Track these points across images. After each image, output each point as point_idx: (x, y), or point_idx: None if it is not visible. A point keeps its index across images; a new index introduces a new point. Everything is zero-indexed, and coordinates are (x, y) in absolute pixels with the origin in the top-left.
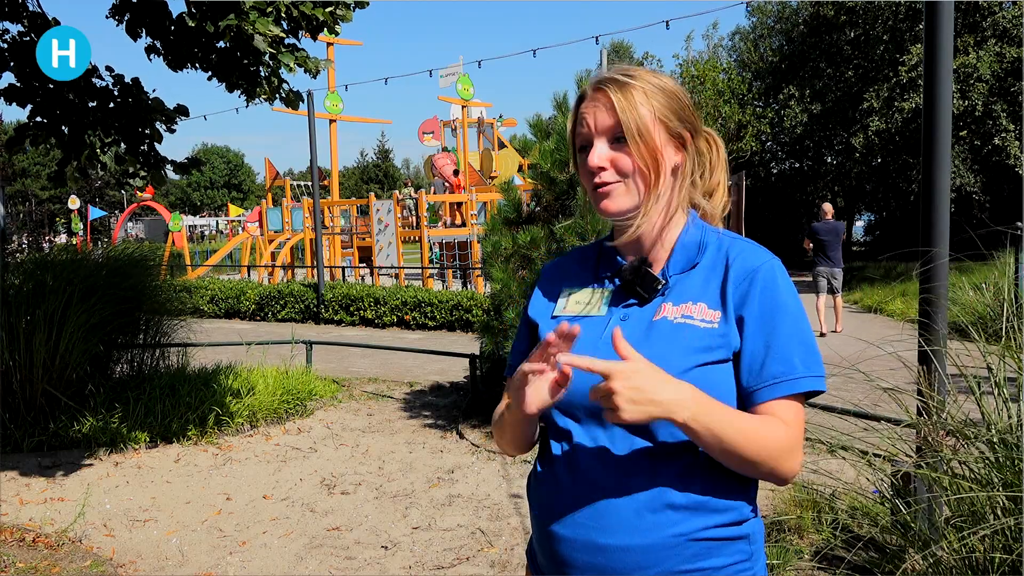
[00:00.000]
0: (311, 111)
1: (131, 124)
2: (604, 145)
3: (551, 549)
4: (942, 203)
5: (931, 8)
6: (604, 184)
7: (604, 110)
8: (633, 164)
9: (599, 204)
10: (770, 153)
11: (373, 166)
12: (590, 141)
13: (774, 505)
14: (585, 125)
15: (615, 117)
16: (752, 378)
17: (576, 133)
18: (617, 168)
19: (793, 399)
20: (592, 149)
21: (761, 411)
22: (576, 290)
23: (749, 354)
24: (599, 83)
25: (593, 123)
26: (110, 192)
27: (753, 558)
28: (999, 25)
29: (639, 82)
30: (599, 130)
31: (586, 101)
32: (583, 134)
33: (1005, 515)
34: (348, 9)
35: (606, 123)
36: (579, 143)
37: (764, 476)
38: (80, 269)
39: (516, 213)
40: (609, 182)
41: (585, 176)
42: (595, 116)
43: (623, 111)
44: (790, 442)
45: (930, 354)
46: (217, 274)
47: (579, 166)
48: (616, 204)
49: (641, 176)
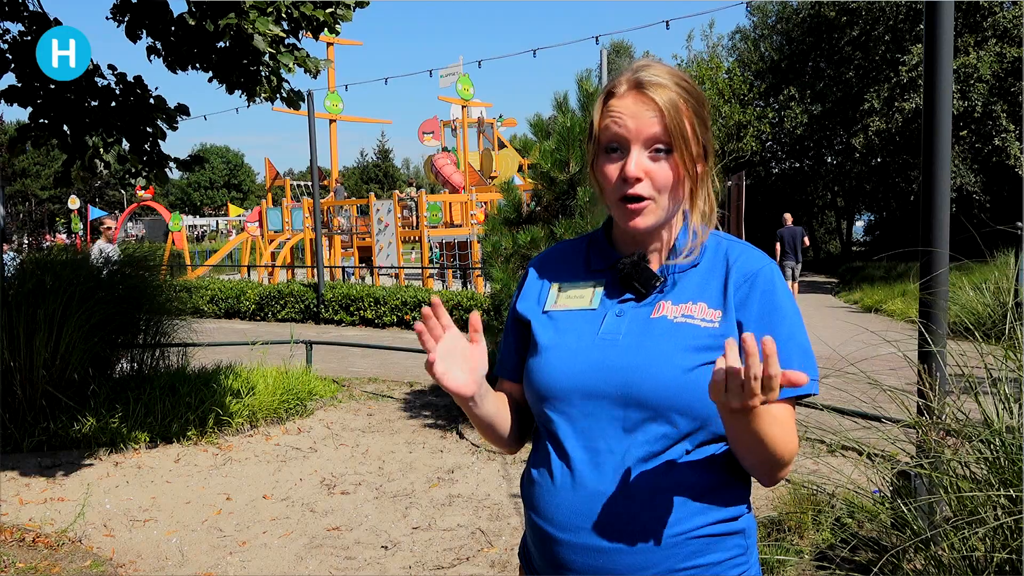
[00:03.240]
0: (311, 111)
1: (134, 123)
2: (644, 154)
3: (548, 551)
4: (942, 203)
5: (931, 8)
6: (639, 199)
7: (650, 116)
8: (673, 178)
9: (629, 220)
10: (770, 153)
11: (373, 166)
12: (625, 145)
13: (774, 505)
14: (622, 126)
15: (662, 126)
16: None
17: (605, 129)
18: (653, 180)
19: (789, 402)
20: (629, 156)
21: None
22: (568, 284)
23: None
24: (640, 84)
25: (635, 127)
26: (110, 192)
27: (748, 552)
28: (999, 25)
29: (676, 88)
30: (640, 136)
31: (622, 99)
32: (616, 134)
33: (1005, 515)
34: (348, 9)
35: (650, 131)
36: (607, 141)
37: (766, 474)
38: (80, 269)
39: (516, 213)
40: (645, 197)
41: (611, 181)
42: (638, 120)
43: (674, 123)
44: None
45: (930, 353)
46: (217, 274)
47: (599, 166)
48: (646, 222)
49: (675, 191)
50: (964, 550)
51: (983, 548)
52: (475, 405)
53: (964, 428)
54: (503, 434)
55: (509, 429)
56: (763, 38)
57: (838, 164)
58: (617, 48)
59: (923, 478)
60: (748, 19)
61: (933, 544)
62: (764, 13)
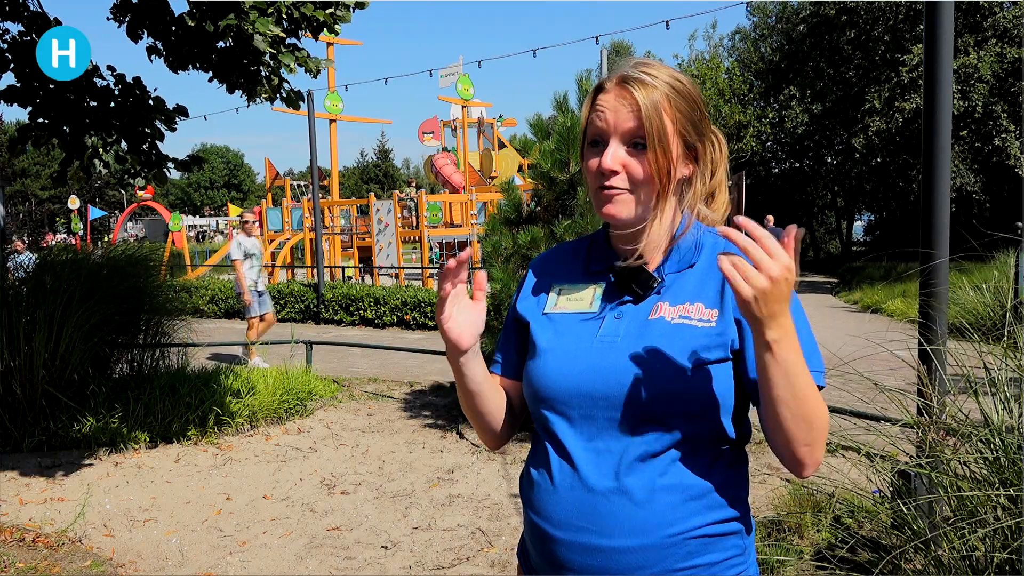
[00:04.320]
0: (311, 111)
1: (133, 123)
2: (620, 148)
3: (547, 551)
4: (942, 203)
5: (931, 8)
6: (612, 188)
7: (627, 110)
8: (646, 173)
9: (602, 207)
10: (770, 153)
11: (373, 166)
12: (605, 138)
13: (774, 505)
14: (603, 120)
15: (638, 121)
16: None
17: (590, 123)
18: (629, 174)
19: None
20: (606, 149)
21: None
22: (567, 285)
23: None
24: (625, 79)
25: (613, 121)
26: (110, 192)
27: (746, 552)
28: (999, 25)
29: (665, 87)
30: (618, 130)
31: (607, 93)
32: (599, 128)
33: (1005, 515)
34: (348, 10)
35: (627, 125)
36: (591, 135)
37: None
38: (80, 269)
39: (516, 213)
40: (618, 188)
41: (592, 174)
42: (616, 114)
43: (649, 119)
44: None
45: (930, 353)
46: (217, 274)
47: (585, 159)
48: (619, 211)
49: (651, 187)
50: (964, 550)
51: (983, 548)
52: (466, 363)
53: (964, 428)
54: (489, 415)
55: (500, 420)
56: (763, 38)
57: (838, 164)
58: (617, 48)
59: (923, 478)
60: (749, 19)
61: (933, 544)
62: (764, 13)
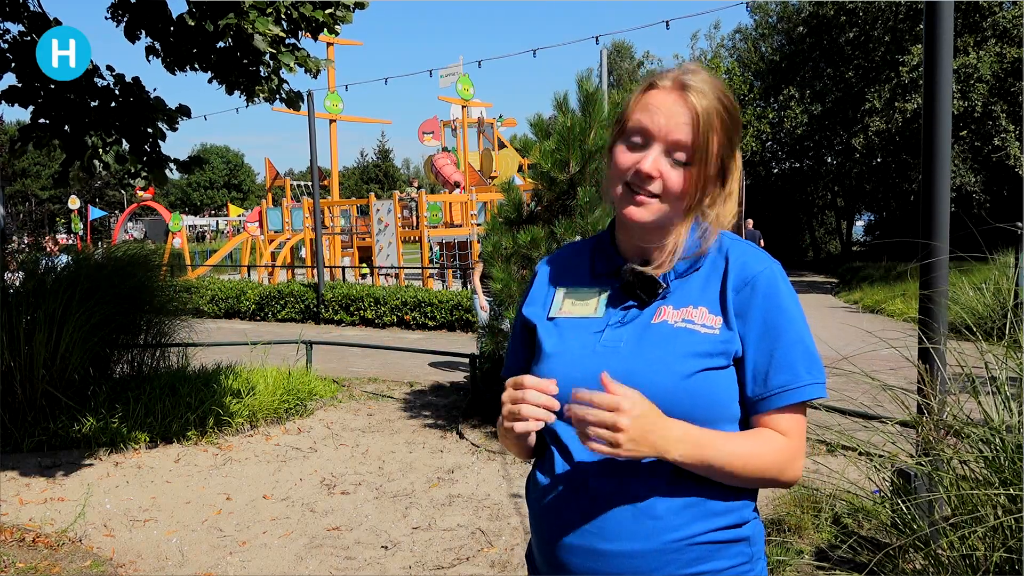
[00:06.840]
0: (311, 111)
1: (133, 123)
2: (663, 156)
3: (550, 554)
4: (942, 203)
5: (931, 8)
6: (642, 193)
7: (681, 119)
8: (682, 189)
9: (625, 208)
10: (770, 153)
11: (373, 166)
12: (649, 139)
13: (774, 505)
14: (654, 121)
15: (692, 136)
16: (757, 387)
17: (634, 118)
18: (665, 184)
19: (797, 407)
20: (647, 152)
21: (765, 421)
22: (572, 289)
23: (753, 363)
24: (684, 86)
25: (665, 125)
26: (110, 192)
27: (753, 559)
28: (999, 25)
29: (716, 102)
30: (667, 138)
31: (662, 92)
32: (645, 127)
33: (1005, 514)
34: (348, 10)
35: (678, 136)
36: (633, 130)
37: (764, 487)
38: (80, 269)
39: (516, 213)
40: (653, 193)
41: (621, 169)
42: (670, 119)
43: (706, 135)
44: (790, 453)
45: (931, 352)
46: (217, 274)
47: (616, 150)
48: (643, 216)
49: (681, 201)
50: (964, 549)
51: (983, 547)
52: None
53: (964, 427)
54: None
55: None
56: (763, 38)
57: (838, 164)
58: (617, 48)
59: (923, 477)
60: (749, 18)
61: (933, 543)
62: (765, 12)
